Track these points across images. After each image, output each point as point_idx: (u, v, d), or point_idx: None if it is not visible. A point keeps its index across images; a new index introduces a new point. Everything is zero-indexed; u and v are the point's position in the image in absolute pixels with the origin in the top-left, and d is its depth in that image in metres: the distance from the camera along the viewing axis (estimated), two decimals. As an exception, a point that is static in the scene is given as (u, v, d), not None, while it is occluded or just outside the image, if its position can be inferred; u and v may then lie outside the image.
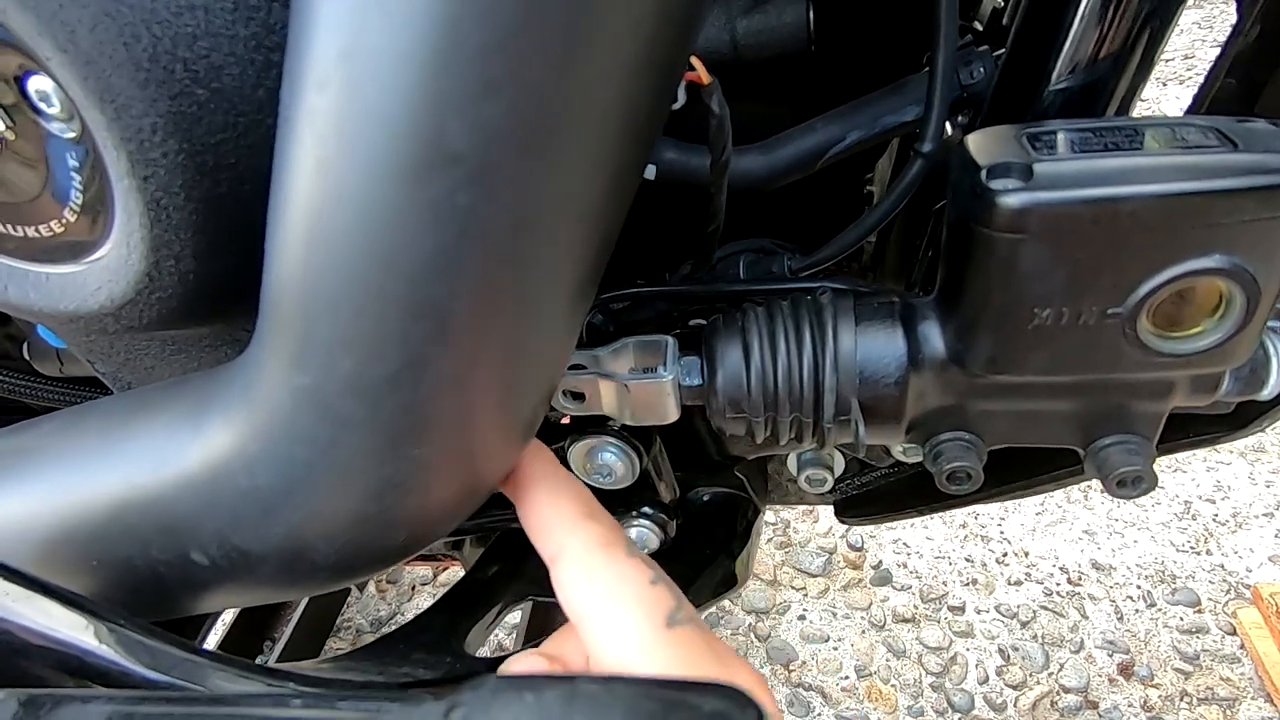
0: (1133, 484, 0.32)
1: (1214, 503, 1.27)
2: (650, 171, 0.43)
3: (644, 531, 0.42)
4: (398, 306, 0.21)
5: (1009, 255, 0.27)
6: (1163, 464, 1.34)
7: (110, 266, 0.27)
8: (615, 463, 0.39)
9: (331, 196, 0.20)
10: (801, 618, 1.19)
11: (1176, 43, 2.55)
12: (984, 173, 0.26)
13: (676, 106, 0.38)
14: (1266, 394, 0.31)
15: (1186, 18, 2.67)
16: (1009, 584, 1.20)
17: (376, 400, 0.23)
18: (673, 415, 0.36)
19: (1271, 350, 0.31)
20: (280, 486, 0.25)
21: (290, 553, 0.28)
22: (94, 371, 0.40)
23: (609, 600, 0.25)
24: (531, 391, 0.26)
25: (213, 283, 0.28)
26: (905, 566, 1.24)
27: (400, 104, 0.18)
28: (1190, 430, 0.38)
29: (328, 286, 0.21)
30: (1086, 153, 0.26)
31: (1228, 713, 1.01)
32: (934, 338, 0.32)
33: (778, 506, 1.35)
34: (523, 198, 0.20)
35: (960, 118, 0.43)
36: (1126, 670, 1.08)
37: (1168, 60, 2.47)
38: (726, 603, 1.21)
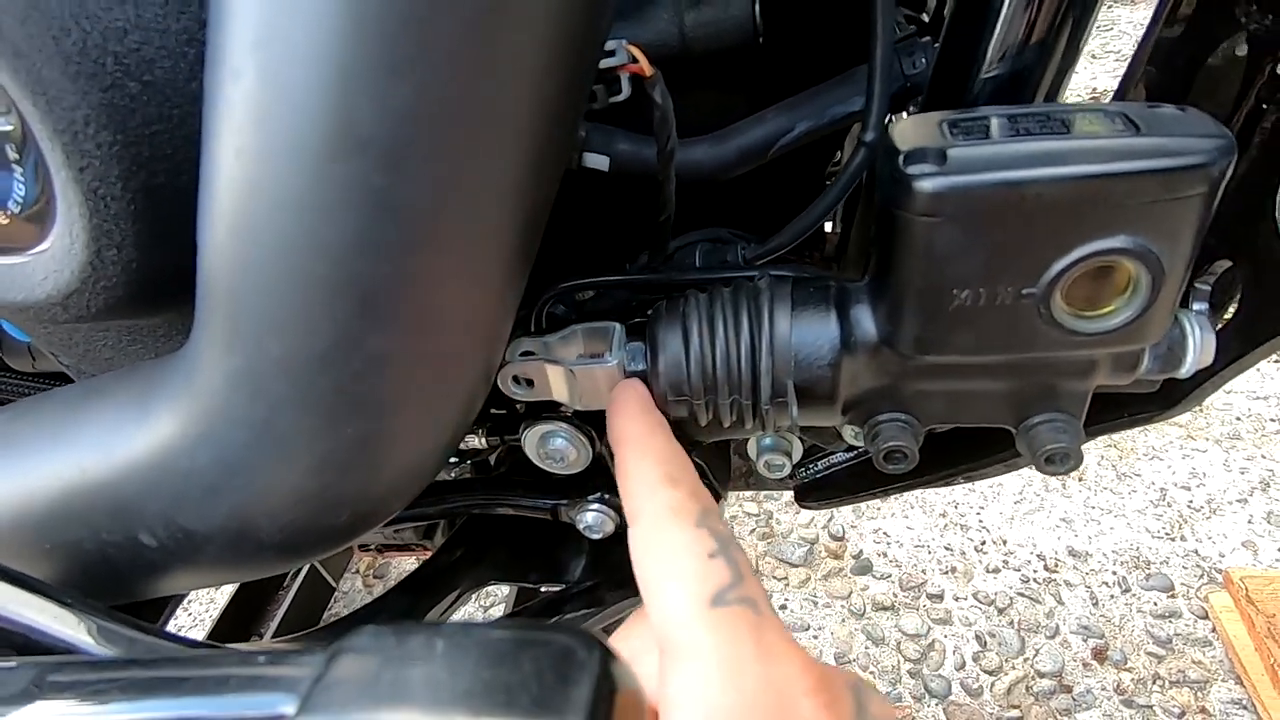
0: (1060, 460, 0.33)
1: (1189, 489, 1.29)
2: (604, 162, 0.44)
3: (599, 516, 0.43)
4: (321, 287, 0.22)
5: (926, 238, 0.28)
6: (1139, 451, 1.36)
7: (55, 257, 0.28)
8: (567, 448, 0.40)
9: (251, 183, 0.21)
10: (783, 607, 1.21)
11: (1116, 44, 2.57)
12: (901, 158, 0.27)
13: (621, 98, 0.39)
14: (1184, 372, 0.32)
15: (1127, 17, 2.70)
16: (987, 571, 1.22)
17: (307, 380, 0.24)
18: (620, 400, 0.37)
19: (1188, 329, 0.32)
20: (220, 467, 0.26)
21: (235, 533, 0.28)
22: (60, 365, 0.41)
23: (661, 571, 0.25)
24: (466, 370, 0.27)
25: (156, 271, 0.28)
26: (885, 555, 1.26)
27: (311, 90, 0.19)
28: (1125, 410, 0.39)
29: (253, 270, 0.22)
30: (1002, 139, 0.27)
31: (1199, 695, 1.03)
32: (865, 321, 0.33)
33: (741, 493, 1.37)
34: (437, 176, 0.21)
35: (911, 107, 0.44)
36: (1100, 654, 1.09)
37: (1116, 58, 2.50)
38: (708, 593, 1.22)
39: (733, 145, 0.44)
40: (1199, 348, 0.31)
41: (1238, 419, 1.39)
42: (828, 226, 0.60)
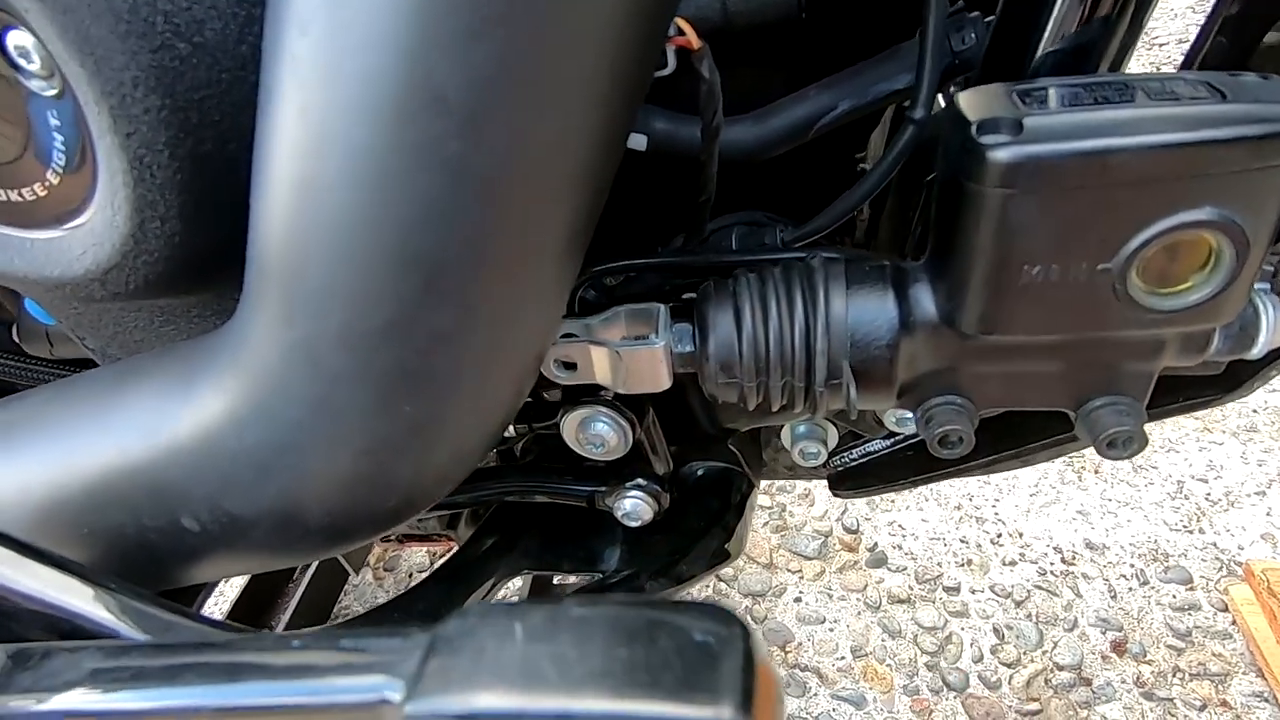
0: (1123, 445, 0.32)
1: (1206, 482, 1.28)
2: (641, 142, 0.43)
3: (637, 503, 0.42)
4: (387, 257, 0.21)
5: (999, 211, 0.27)
6: (1156, 444, 1.35)
7: (95, 230, 0.27)
8: (608, 433, 0.39)
9: (316, 143, 0.20)
10: (798, 600, 1.20)
11: (1171, 26, 2.54)
12: (974, 128, 0.26)
13: (666, 72, 0.38)
14: (1256, 352, 0.31)
15: (1180, 1, 2.67)
16: (1004, 564, 1.21)
17: (367, 354, 0.23)
18: (665, 382, 0.36)
19: (1261, 308, 0.31)
20: (271, 447, 0.25)
21: (282, 516, 0.28)
22: (84, 349, 0.40)
23: None
24: (522, 351, 0.26)
25: (199, 246, 0.27)
26: (900, 548, 1.25)
27: (386, 46, 0.18)
28: (1182, 394, 0.38)
29: (315, 236, 0.21)
30: (1076, 107, 0.26)
31: (1219, 688, 1.02)
32: (925, 300, 0.32)
33: (772, 483, 1.36)
34: (513, 146, 0.20)
35: (954, 85, 0.42)
36: (1120, 647, 1.08)
37: (1163, 45, 2.47)
38: (724, 585, 1.22)
39: (774, 124, 0.43)
40: (1272, 326, 0.30)
41: (1254, 411, 1.38)
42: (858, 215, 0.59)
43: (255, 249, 0.23)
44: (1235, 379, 0.35)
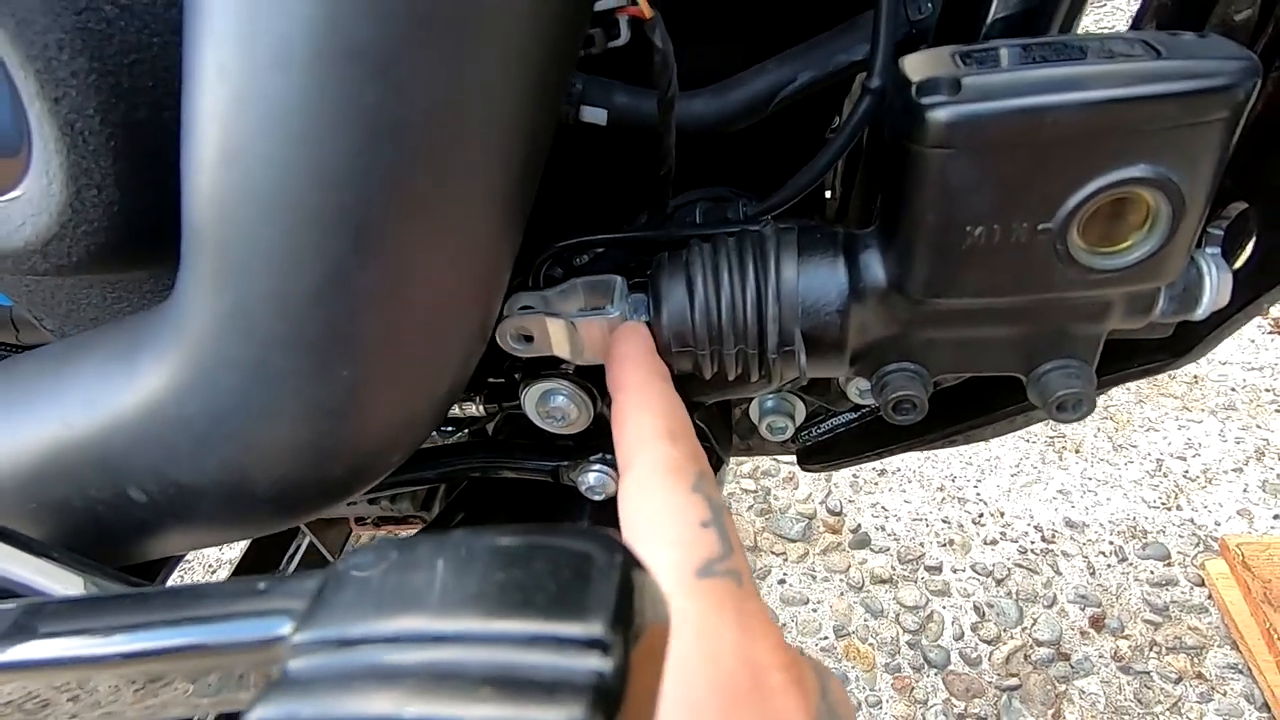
0: (1073, 407, 0.32)
1: (1185, 459, 1.30)
2: (601, 116, 0.42)
3: (601, 477, 0.42)
4: (312, 216, 0.21)
5: (939, 172, 0.27)
6: (1136, 423, 1.36)
7: (32, 200, 0.27)
8: (569, 406, 0.39)
9: (235, 102, 0.19)
10: (782, 582, 1.21)
11: None
12: (914, 89, 0.26)
13: (621, 42, 0.38)
14: (1201, 313, 0.31)
15: None
16: (985, 543, 1.22)
17: (299, 318, 0.23)
18: (622, 354, 0.36)
19: (1205, 269, 0.31)
20: (210, 414, 0.25)
21: (228, 486, 0.27)
22: (46, 333, 0.40)
23: (650, 532, 0.24)
24: (464, 313, 0.26)
25: (140, 216, 0.27)
26: (883, 529, 1.26)
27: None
28: (1135, 359, 0.38)
29: (240, 200, 0.21)
30: (1014, 67, 0.26)
31: (1195, 660, 1.04)
32: (874, 266, 0.32)
33: (757, 467, 1.36)
34: (434, 94, 0.20)
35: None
36: (1098, 623, 1.10)
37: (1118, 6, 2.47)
38: (708, 569, 1.22)
39: (734, 96, 0.43)
40: (1215, 287, 0.31)
41: (1233, 389, 1.39)
42: (826, 194, 0.59)
43: (187, 216, 0.23)
44: (1185, 343, 0.36)
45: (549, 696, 0.10)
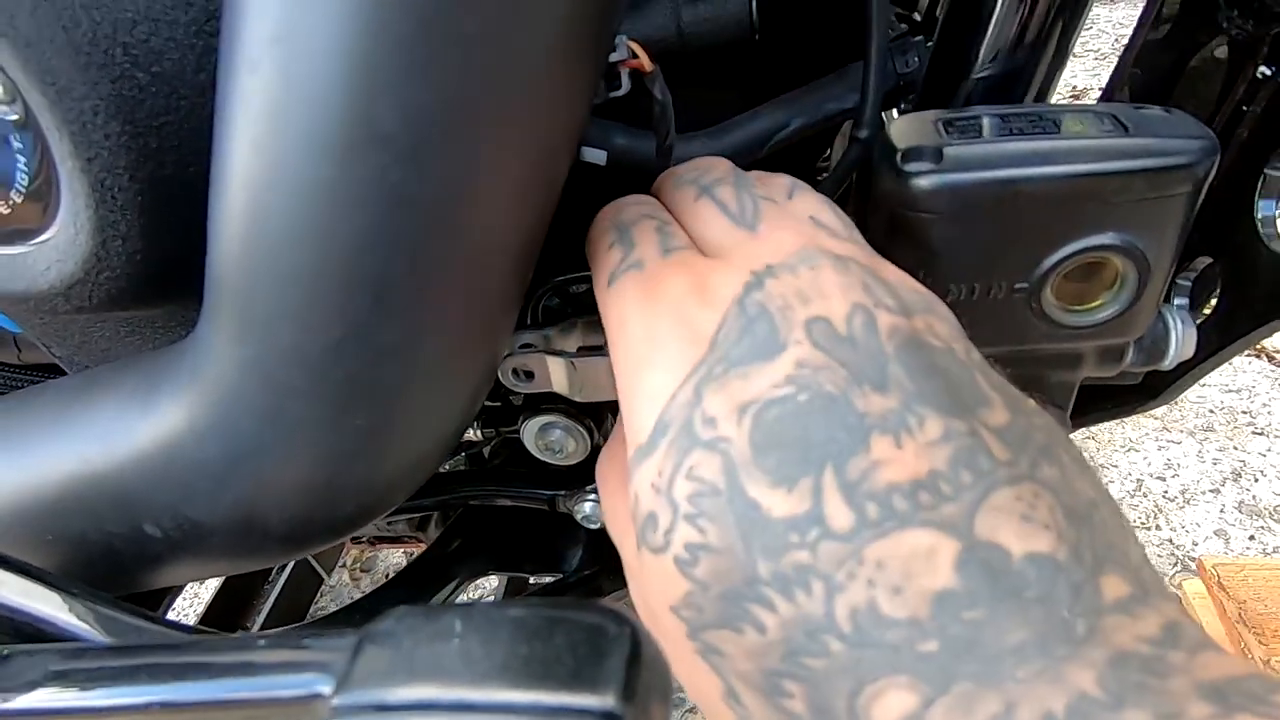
0: (1048, 450, 0.34)
1: (1164, 480, 1.32)
2: (600, 157, 0.44)
3: (597, 506, 0.44)
4: (334, 279, 0.22)
5: (923, 235, 0.28)
6: (1116, 444, 1.39)
7: (58, 247, 0.28)
8: (566, 439, 0.41)
9: (267, 176, 0.21)
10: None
11: (1095, 43, 2.61)
12: (899, 156, 0.28)
13: (621, 93, 0.39)
14: (1168, 364, 0.33)
15: (1105, 16, 2.75)
16: (969, 561, 1.24)
17: (318, 370, 0.24)
18: (620, 391, 0.37)
19: (1171, 324, 0.33)
20: (228, 457, 0.26)
21: (241, 523, 0.29)
22: (51, 357, 0.41)
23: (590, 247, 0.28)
24: (471, 362, 0.27)
25: (161, 263, 0.29)
26: (870, 546, 1.28)
27: (330, 86, 0.19)
28: (1108, 402, 0.40)
29: (267, 262, 0.22)
30: (994, 138, 0.28)
31: (1172, 679, 1.06)
32: (862, 314, 0.33)
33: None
34: (453, 172, 0.21)
35: (903, 105, 0.44)
36: (1078, 641, 1.12)
37: (1095, 57, 2.54)
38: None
39: (728, 140, 0.44)
40: (1180, 341, 0.33)
41: (1211, 412, 1.42)
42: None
43: (212, 270, 0.24)
44: (1153, 388, 0.38)
45: (568, 761, 0.11)
